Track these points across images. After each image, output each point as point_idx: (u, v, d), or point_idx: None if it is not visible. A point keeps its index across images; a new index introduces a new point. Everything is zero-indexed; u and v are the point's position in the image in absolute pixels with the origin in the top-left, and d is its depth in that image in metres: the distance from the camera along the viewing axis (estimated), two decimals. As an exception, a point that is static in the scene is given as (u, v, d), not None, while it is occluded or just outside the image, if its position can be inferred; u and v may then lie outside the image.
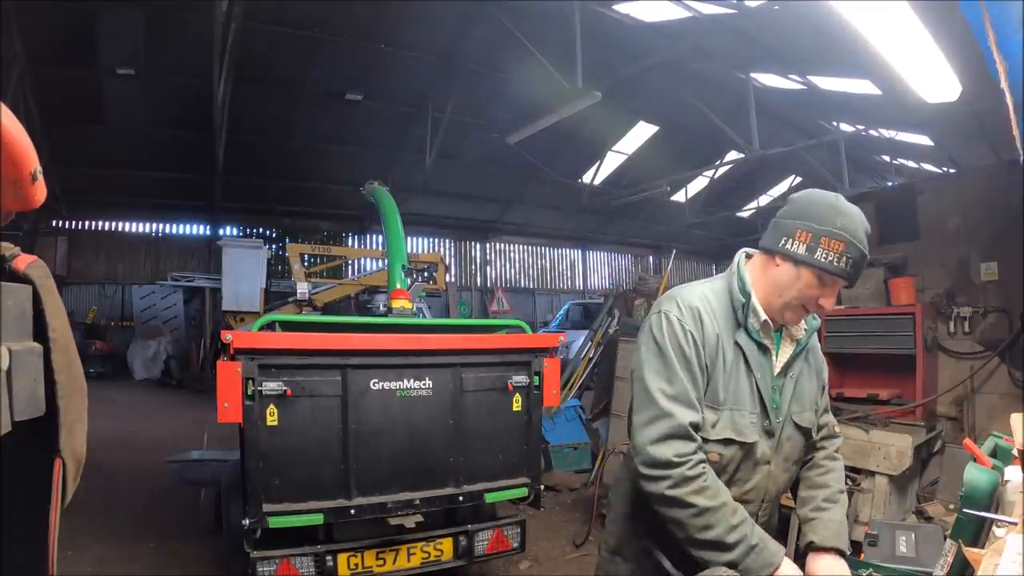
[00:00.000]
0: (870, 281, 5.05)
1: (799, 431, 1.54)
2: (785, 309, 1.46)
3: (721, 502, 1.36)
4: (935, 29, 3.90)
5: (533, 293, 18.45)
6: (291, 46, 9.56)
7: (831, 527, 1.51)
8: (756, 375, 1.47)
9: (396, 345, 2.99)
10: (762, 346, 1.49)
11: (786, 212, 1.48)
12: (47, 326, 0.80)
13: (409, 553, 3.01)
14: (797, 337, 1.55)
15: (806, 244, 1.40)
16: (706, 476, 1.37)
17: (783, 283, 1.44)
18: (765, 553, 1.35)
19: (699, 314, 1.46)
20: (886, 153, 12.07)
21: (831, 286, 1.43)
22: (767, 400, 1.48)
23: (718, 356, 1.45)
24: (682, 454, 1.36)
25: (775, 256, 1.46)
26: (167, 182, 12.54)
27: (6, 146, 0.72)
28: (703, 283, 1.57)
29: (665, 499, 1.37)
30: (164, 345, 12.75)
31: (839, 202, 1.44)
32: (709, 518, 1.34)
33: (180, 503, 4.84)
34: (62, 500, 0.84)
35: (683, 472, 1.35)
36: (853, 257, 1.39)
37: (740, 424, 1.45)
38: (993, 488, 1.45)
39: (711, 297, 1.51)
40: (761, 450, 1.48)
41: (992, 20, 1.76)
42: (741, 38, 7.66)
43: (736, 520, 1.35)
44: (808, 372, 1.58)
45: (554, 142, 12.42)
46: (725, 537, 1.33)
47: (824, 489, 1.58)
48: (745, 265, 1.54)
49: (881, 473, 4.09)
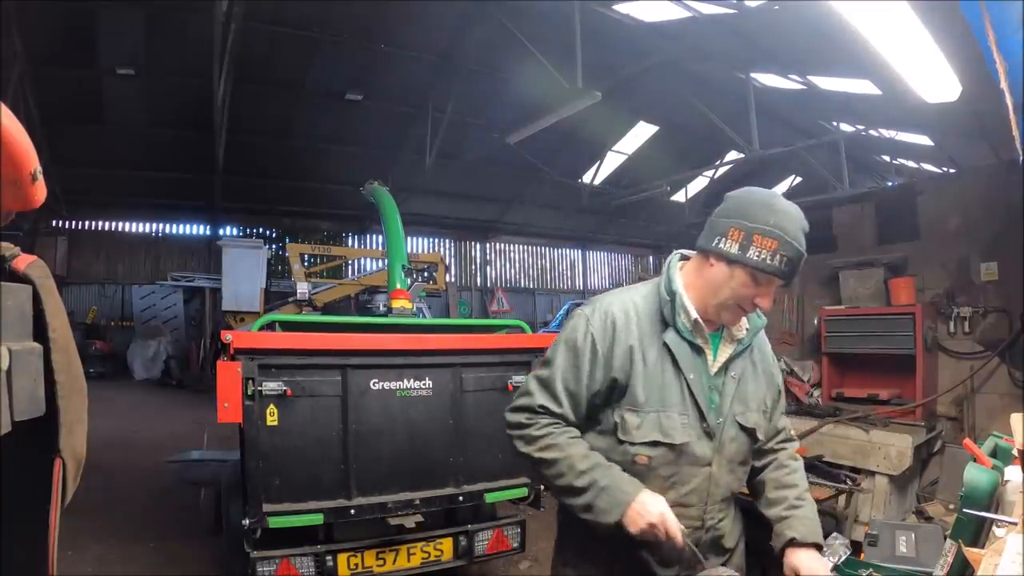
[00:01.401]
0: (870, 281, 5.06)
1: (744, 432, 1.51)
2: (721, 309, 1.44)
3: (568, 453, 1.42)
4: (935, 29, 3.90)
5: (533, 293, 18.46)
6: (291, 46, 9.56)
7: (808, 523, 1.50)
8: (688, 375, 1.44)
9: (396, 345, 2.99)
10: (695, 346, 1.46)
11: (720, 211, 1.45)
12: (47, 326, 0.80)
13: (409, 553, 3.01)
14: (738, 337, 1.52)
15: (738, 243, 1.38)
16: (553, 433, 1.44)
17: (717, 283, 1.42)
18: (614, 491, 1.37)
19: (613, 320, 1.46)
20: (886, 153, 12.06)
21: (766, 285, 1.40)
22: (702, 401, 1.45)
23: (633, 361, 1.44)
24: (530, 418, 1.47)
25: (709, 256, 1.44)
26: (167, 182, 12.55)
27: (6, 146, 0.72)
28: (635, 287, 1.57)
29: (525, 457, 1.48)
30: (164, 345, 12.75)
31: (774, 200, 1.41)
32: (559, 467, 1.42)
33: (180, 503, 4.84)
34: (62, 500, 0.84)
35: (531, 432, 1.46)
36: (788, 255, 1.36)
37: (667, 426, 1.43)
38: (993, 488, 1.45)
39: (638, 301, 1.50)
40: (700, 451, 1.45)
41: (992, 20, 1.77)
42: (741, 38, 7.65)
43: (584, 466, 1.40)
44: (753, 373, 1.55)
45: (554, 142, 12.42)
46: (574, 482, 1.40)
47: (794, 488, 1.57)
48: (677, 267, 1.53)
49: (881, 473, 4.09)
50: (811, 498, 1.60)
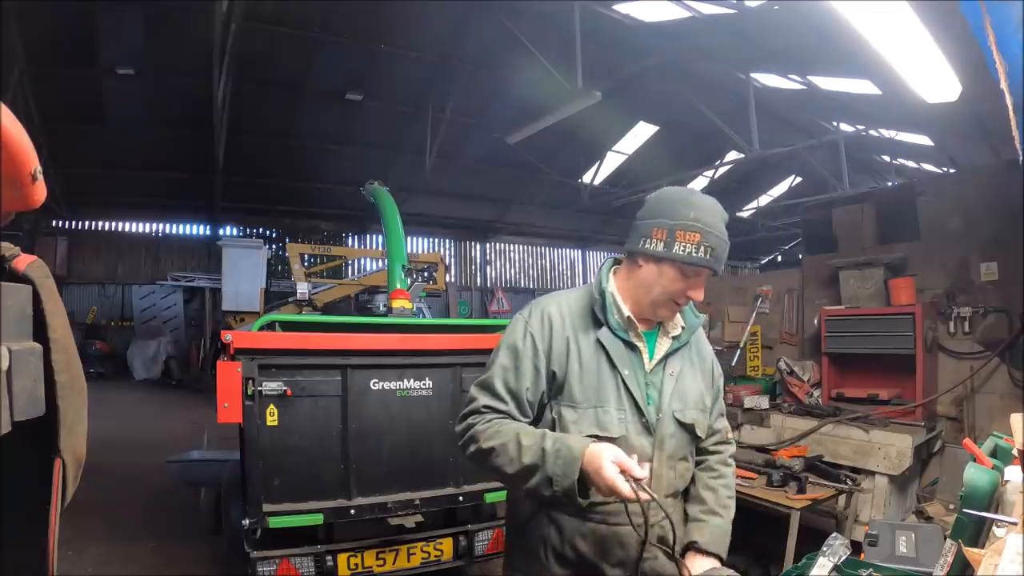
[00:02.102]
0: (870, 281, 5.06)
1: (683, 428, 1.53)
2: (656, 307, 1.48)
3: (514, 433, 1.39)
4: (935, 29, 3.90)
5: (533, 293, 18.44)
6: (291, 46, 9.56)
7: (716, 533, 1.51)
8: (623, 372, 1.47)
9: (396, 345, 2.99)
10: (628, 343, 1.50)
11: (642, 214, 1.50)
12: (47, 326, 0.80)
13: (409, 553, 3.01)
14: (673, 334, 1.55)
15: (663, 241, 1.42)
16: (497, 422, 1.43)
17: (648, 282, 1.47)
18: (564, 451, 1.32)
19: (548, 317, 1.51)
20: (886, 153, 12.07)
21: (695, 277, 1.45)
22: (639, 396, 1.47)
23: (569, 357, 1.47)
24: (475, 419, 1.47)
25: (637, 258, 1.49)
26: (167, 182, 12.54)
27: (6, 146, 0.72)
28: (569, 290, 1.63)
29: (475, 456, 1.45)
30: (164, 345, 12.75)
31: (692, 196, 1.46)
32: (507, 452, 1.39)
33: (180, 503, 4.84)
34: (62, 500, 0.84)
35: (477, 428, 1.45)
36: (711, 245, 1.41)
37: (604, 420, 1.45)
38: (993, 488, 1.45)
39: (571, 301, 1.55)
40: (638, 445, 1.46)
41: (992, 20, 1.77)
42: (741, 38, 7.65)
43: (528, 441, 1.37)
44: (692, 371, 1.58)
45: (554, 142, 12.42)
46: (525, 459, 1.36)
47: (713, 493, 1.57)
48: (610, 271, 1.58)
49: (881, 473, 4.09)
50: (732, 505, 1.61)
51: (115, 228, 13.73)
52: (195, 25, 8.18)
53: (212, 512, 4.09)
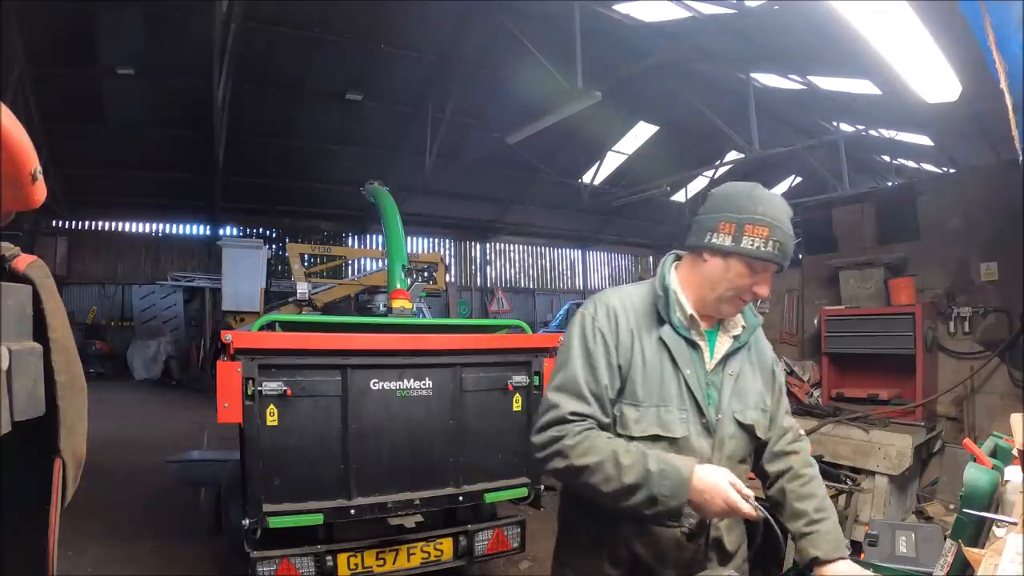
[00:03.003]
0: (870, 281, 5.06)
1: (743, 429, 1.51)
2: (720, 303, 1.46)
3: (610, 451, 1.34)
4: (935, 29, 3.90)
5: (533, 293, 18.46)
6: (291, 46, 9.56)
7: (830, 539, 1.48)
8: (684, 371, 1.45)
9: (396, 345, 2.99)
10: (690, 341, 1.47)
11: (706, 208, 1.47)
12: (47, 326, 0.80)
13: (409, 553, 3.01)
14: (734, 334, 1.53)
15: (731, 235, 1.40)
16: (588, 436, 1.37)
17: (714, 277, 1.44)
18: (670, 472, 1.30)
19: (614, 311, 1.47)
20: (886, 153, 12.08)
21: (762, 272, 1.43)
22: (699, 396, 1.45)
23: (634, 354, 1.44)
24: (561, 429, 1.39)
25: (702, 253, 1.46)
26: (167, 182, 12.55)
27: (6, 146, 0.72)
28: (630, 286, 1.58)
29: (564, 473, 1.39)
30: (164, 345, 12.75)
31: (757, 190, 1.44)
32: (604, 470, 1.33)
33: (180, 503, 4.83)
34: (62, 500, 0.84)
35: (566, 442, 1.37)
36: (779, 240, 1.39)
37: (666, 420, 1.43)
38: (993, 488, 1.45)
39: (634, 297, 1.52)
40: (698, 447, 1.44)
41: (992, 20, 1.77)
42: (741, 38, 7.66)
43: (628, 460, 1.32)
44: (752, 371, 1.56)
45: (554, 142, 12.43)
46: (624, 479, 1.31)
47: (813, 499, 1.54)
48: (672, 266, 1.54)
49: (881, 473, 4.09)
50: (831, 504, 1.58)
51: (115, 228, 13.74)
52: (195, 25, 8.19)
53: (212, 512, 4.09)
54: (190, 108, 10.17)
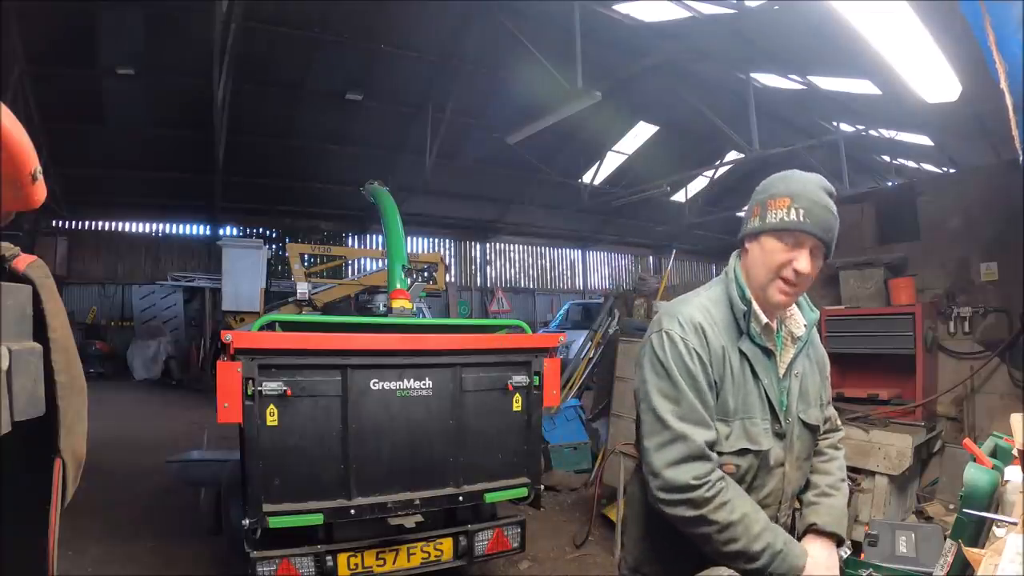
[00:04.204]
0: (870, 281, 5.05)
1: (807, 429, 1.53)
2: (766, 289, 1.43)
3: (742, 514, 1.34)
4: (935, 29, 3.90)
5: (533, 293, 18.45)
6: (291, 46, 9.56)
7: (834, 512, 1.51)
8: (764, 381, 1.45)
9: (396, 345, 2.99)
10: (766, 349, 1.47)
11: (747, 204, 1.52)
12: (47, 326, 0.80)
13: (409, 553, 3.01)
14: (797, 335, 1.53)
15: (759, 216, 1.43)
16: (725, 491, 1.35)
17: (754, 263, 1.45)
18: (791, 557, 1.35)
19: (702, 329, 1.42)
20: (886, 153, 12.07)
21: (795, 245, 1.39)
22: (776, 403, 1.46)
23: (725, 368, 1.43)
24: (700, 475, 1.34)
25: (744, 243, 1.50)
26: (167, 182, 12.54)
27: (6, 146, 0.72)
28: (700, 293, 1.54)
29: (687, 521, 1.36)
30: (164, 345, 12.73)
31: (787, 173, 1.46)
32: (733, 531, 1.33)
33: (180, 503, 4.83)
34: (62, 500, 0.84)
35: (702, 494, 1.33)
36: (803, 207, 1.37)
37: (753, 432, 1.43)
38: (993, 488, 1.45)
39: (711, 308, 1.48)
40: (775, 454, 1.46)
41: (992, 20, 1.77)
42: (741, 38, 7.66)
43: (759, 528, 1.34)
44: (811, 368, 1.57)
45: (554, 142, 12.42)
46: (750, 547, 1.33)
47: (828, 476, 1.58)
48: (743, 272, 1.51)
49: (881, 473, 4.08)
50: (845, 488, 1.61)
51: (115, 228, 13.72)
52: (195, 25, 8.19)
53: (212, 512, 4.09)
54: (190, 108, 10.17)
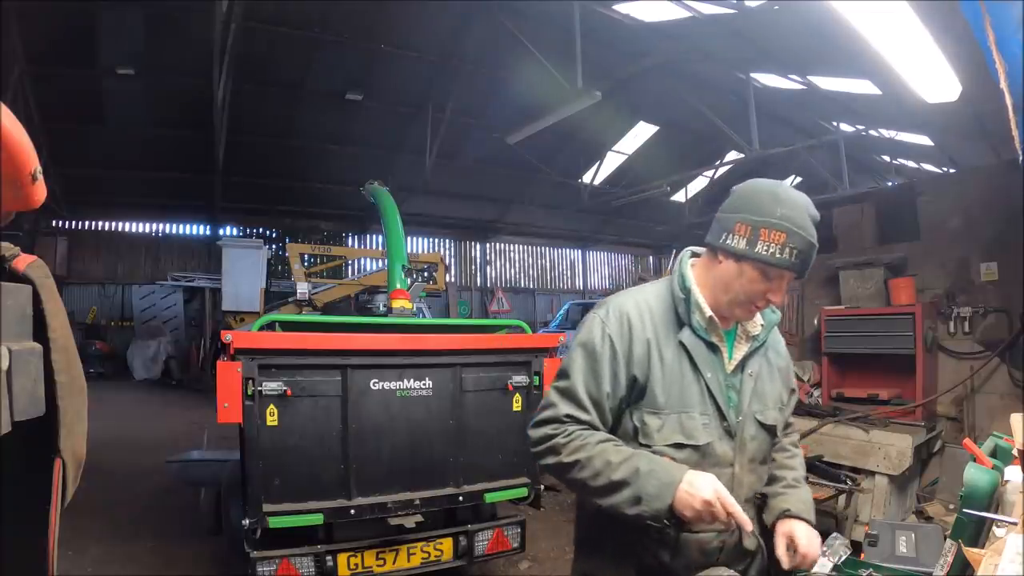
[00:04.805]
0: (870, 281, 5.06)
1: (764, 430, 1.48)
2: (733, 306, 1.41)
3: (600, 449, 1.33)
4: (935, 29, 3.90)
5: (533, 293, 18.45)
6: (291, 46, 9.56)
7: (804, 502, 1.49)
8: (706, 374, 1.41)
9: (396, 345, 2.99)
10: (711, 344, 1.43)
11: (726, 206, 1.41)
12: (47, 326, 0.80)
13: (409, 553, 3.01)
14: (753, 334, 1.49)
15: (746, 238, 1.34)
16: (580, 434, 1.36)
17: (727, 280, 1.39)
18: (660, 473, 1.28)
19: (628, 319, 1.42)
20: (886, 153, 12.06)
21: (777, 280, 1.36)
22: (721, 400, 1.42)
23: (651, 360, 1.40)
24: (555, 428, 1.39)
25: (717, 253, 1.41)
26: (167, 182, 12.54)
27: (6, 146, 0.72)
28: (646, 287, 1.53)
29: (555, 469, 1.39)
30: (164, 345, 12.74)
31: (780, 190, 1.37)
32: (592, 466, 1.32)
33: (180, 503, 4.83)
34: (62, 500, 0.84)
35: (559, 440, 1.37)
36: (798, 247, 1.32)
37: (689, 427, 1.40)
38: (993, 488, 1.45)
39: (651, 300, 1.46)
40: (721, 451, 1.42)
41: (992, 20, 1.77)
42: (741, 38, 7.65)
43: (618, 458, 1.31)
44: (769, 370, 1.52)
45: (554, 142, 12.42)
46: (613, 476, 1.30)
47: (792, 471, 1.56)
48: (689, 264, 1.50)
49: (881, 473, 4.09)
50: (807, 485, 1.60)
51: (115, 228, 13.72)
52: (195, 25, 8.18)
53: (212, 512, 4.09)
54: (190, 108, 10.16)
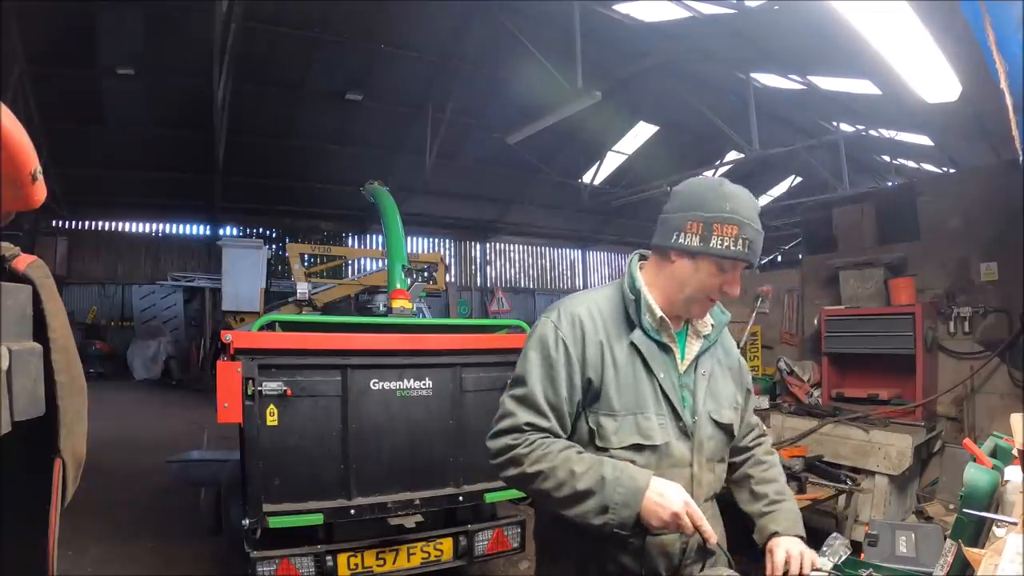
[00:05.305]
0: (870, 281, 5.06)
1: (720, 429, 1.49)
2: (690, 303, 1.43)
3: (563, 458, 1.32)
4: (935, 29, 3.90)
5: (533, 293, 18.45)
6: (291, 46, 9.56)
7: (791, 516, 1.50)
8: (658, 375, 1.41)
9: (396, 345, 2.99)
10: (662, 344, 1.44)
11: (672, 206, 1.43)
12: (47, 326, 0.80)
13: (409, 553, 3.01)
14: (703, 333, 1.51)
15: (699, 235, 1.36)
16: (541, 443, 1.35)
17: (682, 278, 1.41)
18: (626, 480, 1.28)
19: (580, 321, 1.42)
20: (886, 153, 12.06)
21: (732, 271, 1.40)
22: (675, 400, 1.42)
23: (603, 362, 1.40)
24: (516, 438, 1.37)
25: (670, 253, 1.42)
26: (167, 182, 12.54)
27: (6, 146, 0.72)
28: (595, 290, 1.54)
29: (517, 480, 1.37)
30: (164, 345, 12.75)
31: (724, 187, 1.40)
32: (556, 476, 1.31)
33: (180, 503, 4.84)
34: (62, 500, 0.84)
35: (520, 451, 1.35)
36: (749, 238, 1.36)
37: (645, 427, 1.40)
38: (993, 488, 1.45)
39: (601, 302, 1.47)
40: (678, 452, 1.42)
41: (992, 20, 1.77)
42: (741, 38, 7.65)
43: (583, 466, 1.30)
44: (721, 371, 1.54)
45: (554, 142, 12.42)
46: (579, 486, 1.29)
47: (773, 483, 1.57)
48: (638, 266, 1.51)
49: (881, 473, 4.09)
50: (790, 492, 1.60)
51: (115, 228, 13.72)
52: (195, 25, 8.18)
53: (212, 512, 4.09)
54: (190, 108, 10.16)
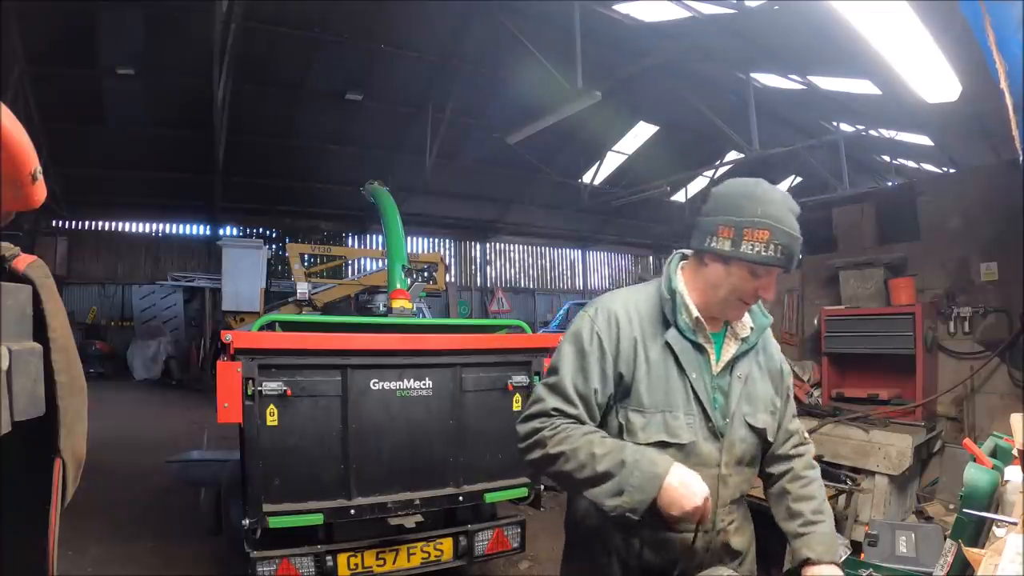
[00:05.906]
0: (870, 281, 5.05)
1: (753, 432, 1.49)
2: (725, 306, 1.44)
3: (585, 440, 1.34)
4: (935, 29, 3.90)
5: (533, 293, 18.45)
6: (291, 46, 9.56)
7: (825, 541, 1.48)
8: (691, 375, 1.43)
9: (396, 345, 2.99)
10: (697, 345, 1.45)
11: (706, 209, 1.44)
12: (47, 326, 0.80)
13: (409, 553, 3.01)
14: (742, 336, 1.50)
15: (730, 239, 1.37)
16: (566, 427, 1.37)
17: (716, 281, 1.42)
18: (645, 465, 1.28)
19: (615, 318, 1.45)
20: (886, 153, 12.07)
21: (765, 276, 1.40)
22: (705, 400, 1.43)
23: (636, 359, 1.42)
24: (543, 422, 1.40)
25: (703, 256, 1.44)
26: (167, 182, 12.55)
27: (6, 146, 0.72)
28: (635, 288, 1.56)
29: (541, 462, 1.40)
30: (164, 345, 12.74)
31: (759, 189, 1.40)
32: (577, 458, 1.33)
33: (180, 503, 4.83)
34: (62, 500, 0.84)
35: (545, 433, 1.38)
36: (781, 243, 1.35)
37: (673, 426, 1.41)
38: (993, 488, 1.45)
39: (639, 301, 1.49)
40: (706, 452, 1.43)
41: (992, 20, 1.77)
42: (741, 38, 7.65)
43: (602, 450, 1.32)
44: (760, 373, 1.53)
45: (554, 142, 12.43)
46: (598, 467, 1.30)
47: (811, 501, 1.54)
48: (678, 267, 1.52)
49: (881, 473, 4.08)
50: (829, 508, 1.58)
51: (115, 228, 13.73)
52: (195, 25, 8.18)
53: (212, 512, 4.09)
54: (190, 108, 10.16)
